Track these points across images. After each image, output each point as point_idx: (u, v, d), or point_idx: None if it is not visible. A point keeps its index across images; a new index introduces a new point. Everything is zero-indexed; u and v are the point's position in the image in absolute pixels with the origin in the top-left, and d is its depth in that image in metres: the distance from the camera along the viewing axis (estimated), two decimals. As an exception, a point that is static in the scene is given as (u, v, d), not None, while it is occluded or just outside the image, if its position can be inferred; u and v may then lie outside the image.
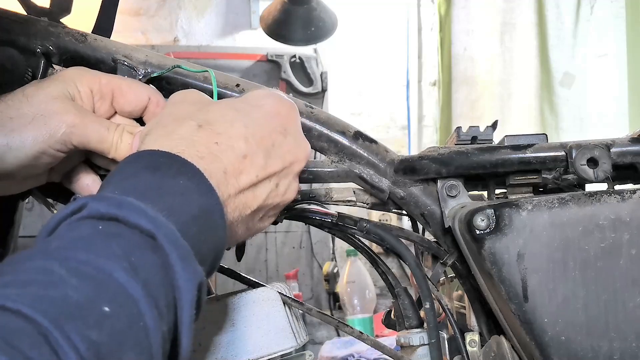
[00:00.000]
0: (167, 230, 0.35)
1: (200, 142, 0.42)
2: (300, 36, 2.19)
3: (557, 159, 0.59)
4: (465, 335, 0.64)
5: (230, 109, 0.46)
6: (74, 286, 0.30)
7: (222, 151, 0.43)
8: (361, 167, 0.62)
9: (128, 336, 0.31)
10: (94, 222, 0.34)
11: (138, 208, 0.35)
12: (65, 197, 0.57)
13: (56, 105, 0.47)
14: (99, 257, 0.32)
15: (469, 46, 2.41)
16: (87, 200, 0.35)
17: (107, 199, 0.36)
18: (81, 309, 0.30)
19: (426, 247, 0.65)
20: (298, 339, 0.60)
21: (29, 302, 0.29)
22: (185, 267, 0.34)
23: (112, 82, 0.51)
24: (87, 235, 0.34)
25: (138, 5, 2.54)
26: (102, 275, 0.32)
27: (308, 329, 2.23)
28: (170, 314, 0.34)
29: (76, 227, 0.34)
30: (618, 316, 0.53)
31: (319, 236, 2.46)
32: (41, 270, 0.31)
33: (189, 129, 0.43)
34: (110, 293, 0.31)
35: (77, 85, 0.49)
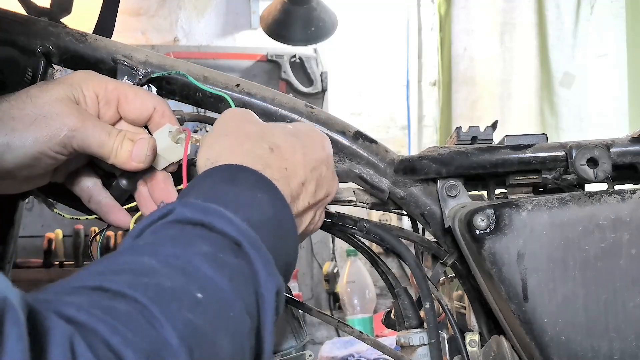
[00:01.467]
0: (251, 238, 0.37)
1: (273, 165, 0.44)
2: (300, 36, 2.18)
3: (557, 159, 0.59)
4: (465, 335, 0.64)
5: (290, 135, 0.48)
6: (165, 274, 0.32)
7: (289, 176, 0.45)
8: (361, 167, 0.62)
9: (221, 322, 0.32)
10: (182, 226, 0.36)
11: (224, 215, 0.37)
12: (67, 198, 0.57)
13: (59, 107, 0.47)
14: (187, 252, 0.34)
15: (469, 46, 2.41)
16: (175, 205, 0.37)
17: (194, 205, 0.37)
18: (175, 293, 0.31)
19: (426, 247, 0.65)
20: (298, 338, 0.60)
21: (126, 285, 0.30)
22: (268, 274, 0.36)
23: (118, 88, 0.51)
24: (175, 235, 0.35)
25: (138, 5, 2.53)
26: (191, 267, 0.33)
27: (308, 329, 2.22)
28: (254, 314, 0.35)
29: (164, 229, 0.36)
30: (618, 316, 0.53)
31: (319, 236, 2.46)
32: (132, 262, 0.33)
33: (263, 150, 0.45)
34: (200, 283, 0.33)
35: (83, 89, 0.49)
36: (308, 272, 2.47)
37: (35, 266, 2.08)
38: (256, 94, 0.61)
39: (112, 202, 0.54)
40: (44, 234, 2.10)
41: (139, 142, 0.49)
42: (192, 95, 0.60)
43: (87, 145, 0.48)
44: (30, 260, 2.09)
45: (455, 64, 2.42)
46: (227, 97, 0.57)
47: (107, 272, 0.32)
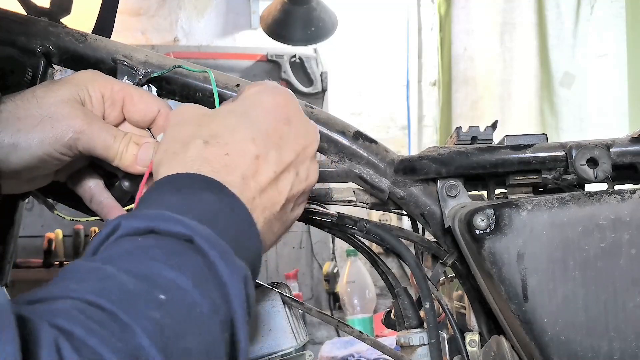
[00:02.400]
0: (203, 232, 0.36)
1: (211, 157, 0.43)
2: (300, 36, 2.18)
3: (557, 159, 0.59)
4: (465, 335, 0.64)
5: (230, 115, 0.46)
6: (127, 280, 0.32)
7: (234, 159, 0.43)
8: (361, 167, 0.62)
9: (188, 321, 0.32)
10: (132, 238, 0.36)
11: (172, 217, 0.37)
12: (68, 198, 0.57)
13: (65, 109, 0.47)
14: (143, 261, 0.34)
15: (469, 46, 2.41)
16: (119, 219, 0.37)
17: (139, 215, 0.37)
18: (139, 296, 0.31)
19: (426, 247, 0.65)
20: (298, 339, 0.60)
21: (90, 291, 0.31)
22: (227, 264, 0.36)
23: (124, 89, 0.51)
24: (128, 249, 0.35)
25: (138, 5, 2.54)
26: (150, 272, 0.33)
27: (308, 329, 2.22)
28: (223, 307, 0.35)
29: (115, 245, 0.36)
30: (618, 316, 0.53)
31: (319, 236, 2.46)
32: (93, 270, 0.33)
33: (197, 148, 0.43)
34: (163, 286, 0.33)
35: (89, 90, 0.49)
36: (308, 272, 2.47)
37: (35, 266, 2.08)
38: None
39: (113, 203, 0.54)
40: (44, 234, 2.10)
41: (145, 146, 0.49)
42: (192, 95, 0.60)
43: (93, 148, 0.48)
44: (31, 260, 2.09)
45: (455, 64, 2.42)
46: (210, 73, 0.56)
47: (70, 279, 0.32)
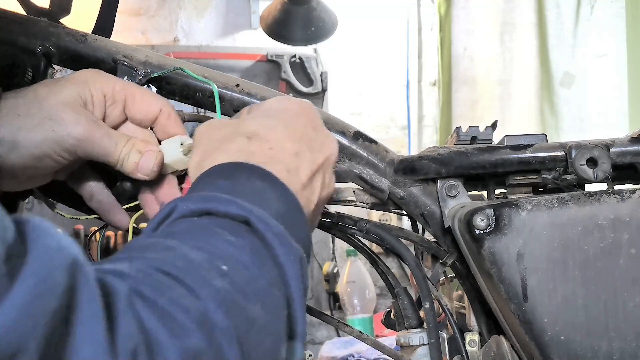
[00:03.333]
0: (259, 213, 0.37)
1: (256, 151, 0.44)
2: (300, 36, 2.18)
3: (556, 159, 0.59)
4: (465, 335, 0.64)
5: (264, 117, 0.47)
6: (189, 251, 0.33)
7: (278, 154, 0.45)
8: (361, 167, 0.62)
9: (250, 292, 0.33)
10: (189, 219, 0.37)
11: (225, 199, 0.37)
12: (67, 197, 0.57)
13: (67, 113, 0.47)
14: (204, 239, 0.34)
15: (469, 46, 2.41)
16: (176, 202, 0.38)
17: (194, 197, 0.38)
18: (202, 265, 0.32)
19: (426, 247, 0.65)
20: (298, 338, 0.60)
21: (154, 259, 0.31)
22: (283, 244, 0.36)
23: (126, 89, 0.51)
24: (187, 228, 0.36)
25: (138, 5, 2.54)
26: (210, 246, 0.34)
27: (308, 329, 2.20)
28: (281, 285, 0.36)
29: (172, 227, 0.36)
30: (618, 316, 0.53)
31: (319, 236, 2.46)
32: (155, 243, 0.34)
33: (241, 143, 0.44)
34: (223, 258, 0.33)
35: (91, 89, 0.49)
36: (308, 272, 2.47)
37: (36, 266, 2.07)
38: (256, 94, 0.62)
39: (113, 202, 0.54)
40: (44, 234, 2.10)
41: (147, 154, 0.49)
42: (192, 95, 0.60)
43: (94, 154, 0.48)
44: (31, 260, 2.09)
45: (455, 64, 2.42)
46: (214, 86, 0.57)
47: (134, 250, 0.33)
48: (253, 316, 0.32)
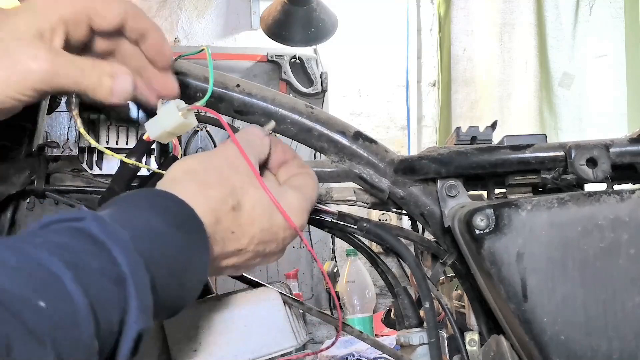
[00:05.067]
0: (139, 278, 0.36)
1: (224, 222, 0.44)
2: (300, 37, 2.18)
3: (556, 159, 0.59)
4: (465, 334, 0.64)
5: (260, 205, 0.46)
6: (15, 277, 0.31)
7: (230, 240, 0.45)
8: (361, 167, 0.62)
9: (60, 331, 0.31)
10: (83, 237, 0.35)
11: (125, 245, 0.36)
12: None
13: (23, 48, 0.43)
14: (62, 265, 0.33)
15: (468, 47, 2.41)
16: (87, 215, 0.36)
17: (104, 223, 0.36)
18: (17, 297, 0.30)
19: (426, 247, 0.65)
20: (298, 338, 0.60)
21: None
22: (137, 320, 0.35)
23: (86, 6, 0.46)
24: (68, 243, 0.34)
25: (138, 6, 2.53)
26: (52, 279, 0.32)
27: (308, 329, 2.21)
28: (108, 342, 0.34)
29: (65, 232, 0.35)
30: (617, 316, 0.53)
31: (319, 236, 2.46)
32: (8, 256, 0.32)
33: (224, 204, 0.44)
34: (53, 295, 0.32)
35: (49, 18, 0.44)
36: (308, 272, 2.47)
37: (35, 266, 2.07)
38: (256, 94, 0.62)
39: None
40: (44, 234, 2.10)
41: (119, 78, 0.46)
42: (192, 95, 0.61)
43: (61, 86, 0.44)
44: (30, 260, 2.09)
45: (455, 65, 2.42)
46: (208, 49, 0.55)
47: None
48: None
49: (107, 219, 0.37)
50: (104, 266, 0.35)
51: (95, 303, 0.33)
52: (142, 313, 0.35)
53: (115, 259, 0.35)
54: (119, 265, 0.35)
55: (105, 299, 0.34)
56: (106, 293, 0.34)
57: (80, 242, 0.35)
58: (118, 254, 0.35)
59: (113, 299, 0.34)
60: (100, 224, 0.36)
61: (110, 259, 0.35)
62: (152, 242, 0.38)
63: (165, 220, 0.40)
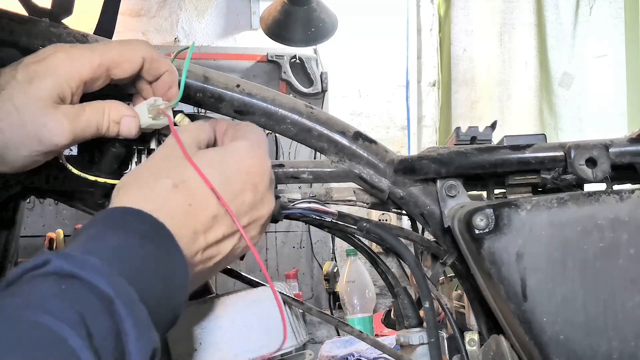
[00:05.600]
0: (125, 294, 0.36)
1: (174, 202, 0.43)
2: (300, 37, 2.19)
3: (556, 159, 0.60)
4: (465, 334, 0.64)
5: (207, 166, 0.46)
6: (27, 350, 0.31)
7: (194, 211, 0.44)
8: (361, 167, 0.62)
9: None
10: (56, 280, 0.35)
11: (100, 270, 0.36)
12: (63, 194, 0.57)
13: (48, 122, 0.46)
14: (56, 320, 0.33)
15: (468, 47, 2.41)
16: (51, 257, 0.36)
17: (71, 256, 0.36)
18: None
19: (426, 247, 0.65)
20: (298, 338, 0.60)
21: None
22: (139, 336, 0.35)
23: (104, 62, 0.49)
24: (46, 294, 0.34)
25: (139, 6, 2.54)
26: (58, 340, 0.32)
27: (308, 329, 2.21)
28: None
29: (37, 284, 0.35)
30: (617, 316, 0.53)
31: (319, 236, 2.46)
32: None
33: (164, 188, 0.44)
34: (63, 358, 0.31)
35: (69, 82, 0.47)
36: (308, 272, 2.47)
37: (36, 266, 2.07)
38: (256, 94, 0.62)
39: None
40: (45, 234, 2.10)
41: (124, 120, 0.51)
42: (192, 95, 0.61)
43: (81, 140, 0.50)
44: (31, 260, 2.09)
45: (455, 65, 2.42)
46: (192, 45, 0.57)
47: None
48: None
49: (73, 251, 0.37)
50: (89, 301, 0.35)
51: (101, 351, 0.33)
52: (139, 328, 0.35)
53: (96, 285, 0.35)
54: (102, 290, 0.35)
55: (106, 340, 0.34)
56: (105, 333, 0.34)
57: (57, 287, 0.35)
58: (97, 280, 0.35)
59: (112, 332, 0.34)
60: (66, 259, 0.36)
61: (93, 290, 0.35)
62: (122, 257, 0.38)
63: (125, 233, 0.40)
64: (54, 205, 2.23)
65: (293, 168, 0.63)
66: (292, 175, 0.63)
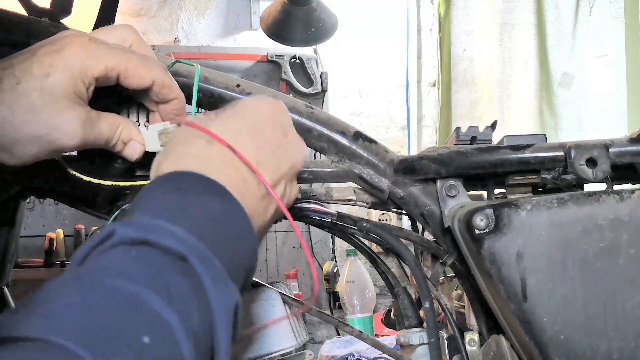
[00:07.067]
0: (198, 251, 0.36)
1: (214, 156, 0.43)
2: (300, 37, 2.19)
3: (556, 159, 0.60)
4: (465, 334, 0.64)
5: (231, 119, 0.47)
6: (111, 312, 0.31)
7: (237, 160, 0.44)
8: (361, 167, 0.62)
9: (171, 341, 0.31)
10: (125, 248, 0.35)
11: (167, 230, 0.36)
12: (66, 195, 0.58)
13: (62, 124, 0.47)
14: (134, 284, 0.32)
15: (468, 47, 2.41)
16: (115, 227, 0.36)
17: (135, 223, 0.36)
18: (121, 338, 0.30)
19: (426, 247, 0.65)
20: (298, 338, 0.60)
21: (72, 334, 0.29)
22: (218, 289, 0.35)
23: (118, 66, 0.49)
24: (119, 262, 0.34)
25: (139, 6, 2.54)
26: (138, 302, 0.32)
27: (308, 329, 2.21)
28: (207, 338, 0.34)
29: (107, 254, 0.35)
30: (617, 315, 0.53)
31: (319, 236, 2.46)
32: (78, 297, 0.31)
33: (200, 146, 0.44)
34: (148, 321, 0.31)
35: (84, 79, 0.48)
36: (308, 272, 2.47)
37: (36, 266, 2.08)
38: (256, 94, 0.62)
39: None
40: (45, 234, 2.10)
41: (129, 145, 0.52)
42: (192, 95, 0.60)
43: (89, 146, 0.50)
44: (32, 260, 2.09)
45: (455, 65, 2.42)
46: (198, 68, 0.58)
47: (53, 314, 0.30)
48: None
49: (137, 217, 0.37)
50: (164, 263, 0.34)
51: (183, 309, 0.33)
52: (218, 283, 0.35)
53: (167, 246, 0.35)
54: (174, 250, 0.35)
55: (186, 297, 0.33)
56: (184, 291, 0.34)
57: (128, 255, 0.34)
58: (167, 241, 0.35)
59: (191, 289, 0.34)
60: (132, 227, 0.36)
61: (165, 250, 0.35)
62: (187, 216, 0.38)
63: (182, 193, 0.40)
64: (54, 205, 2.23)
65: (293, 168, 0.63)
66: (292, 175, 0.63)
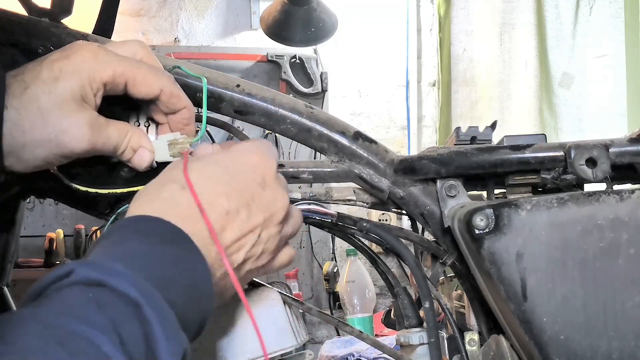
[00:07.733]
0: (152, 298, 0.36)
1: (183, 204, 0.43)
2: (300, 37, 2.19)
3: (556, 159, 0.60)
4: (465, 334, 0.64)
5: (210, 164, 0.47)
6: (66, 355, 0.31)
7: (206, 210, 0.44)
8: (361, 167, 0.62)
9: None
10: (82, 288, 0.35)
11: (126, 276, 0.36)
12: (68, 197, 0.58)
13: (70, 127, 0.47)
14: (89, 328, 0.33)
15: (468, 47, 2.41)
16: (75, 266, 0.36)
17: (96, 264, 0.36)
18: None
19: (426, 247, 0.65)
20: (298, 338, 0.60)
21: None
22: (168, 339, 0.35)
23: (126, 73, 0.50)
24: (76, 303, 0.34)
25: (139, 6, 2.54)
26: (93, 348, 0.32)
27: (308, 329, 2.21)
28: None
29: (64, 293, 0.35)
30: (617, 315, 0.53)
31: (319, 236, 2.46)
32: (34, 338, 0.32)
33: (172, 191, 0.44)
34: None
35: (92, 84, 0.48)
36: (308, 272, 2.47)
37: (37, 266, 2.08)
38: (256, 94, 0.62)
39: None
40: (45, 234, 2.10)
41: (139, 152, 0.52)
42: (192, 95, 0.61)
43: (95, 153, 0.50)
44: (32, 259, 2.09)
45: (455, 65, 2.42)
46: (204, 80, 0.57)
47: (9, 353, 0.30)
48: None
49: (97, 258, 0.38)
50: (118, 308, 0.35)
51: (133, 356, 0.33)
52: (167, 332, 0.35)
53: (123, 291, 0.35)
54: (129, 296, 0.35)
55: (137, 344, 0.34)
56: (135, 338, 0.34)
57: (84, 296, 0.35)
58: (123, 286, 0.35)
59: (142, 337, 0.35)
60: (91, 267, 0.36)
61: (120, 295, 0.35)
62: (145, 263, 0.38)
63: (146, 239, 0.40)
64: (54, 205, 2.23)
65: (293, 168, 0.63)
66: (292, 175, 0.63)
